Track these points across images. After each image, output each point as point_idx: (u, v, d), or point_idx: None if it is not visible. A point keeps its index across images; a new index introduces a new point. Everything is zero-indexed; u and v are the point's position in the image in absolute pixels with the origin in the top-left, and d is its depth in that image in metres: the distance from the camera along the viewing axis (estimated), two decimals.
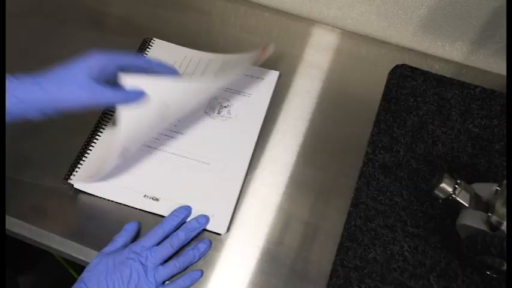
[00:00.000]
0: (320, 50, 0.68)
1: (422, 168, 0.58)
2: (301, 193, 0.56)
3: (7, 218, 0.54)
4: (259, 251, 0.53)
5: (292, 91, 0.64)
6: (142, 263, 0.48)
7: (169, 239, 0.50)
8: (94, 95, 0.45)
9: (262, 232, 0.54)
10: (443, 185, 0.48)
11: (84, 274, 0.47)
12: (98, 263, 0.47)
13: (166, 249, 0.50)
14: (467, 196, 0.48)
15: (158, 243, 0.50)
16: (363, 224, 0.54)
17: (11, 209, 0.54)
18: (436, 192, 0.48)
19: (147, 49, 0.66)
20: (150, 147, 0.58)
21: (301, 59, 0.67)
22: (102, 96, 0.45)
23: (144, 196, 0.55)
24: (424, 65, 0.66)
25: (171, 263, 0.49)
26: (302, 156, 0.59)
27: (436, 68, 0.66)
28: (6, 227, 0.53)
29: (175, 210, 0.53)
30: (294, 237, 0.54)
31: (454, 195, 0.48)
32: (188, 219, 0.53)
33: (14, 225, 0.54)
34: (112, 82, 0.47)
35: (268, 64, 0.65)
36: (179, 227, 0.52)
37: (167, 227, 0.51)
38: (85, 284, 0.46)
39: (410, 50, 0.68)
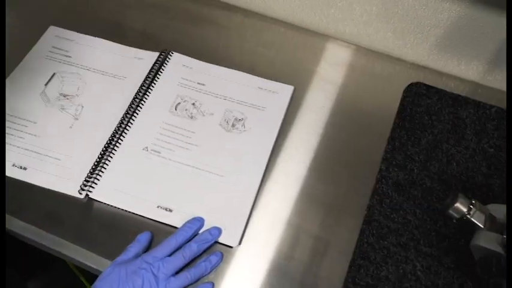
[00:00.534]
0: (335, 65, 0.68)
1: (436, 187, 0.57)
2: (313, 207, 0.56)
3: (20, 223, 0.54)
4: (269, 265, 0.53)
5: (306, 105, 0.65)
6: (154, 274, 0.48)
7: (181, 250, 0.51)
8: None
9: (273, 246, 0.54)
10: (457, 204, 0.47)
11: (97, 283, 0.47)
12: (111, 272, 0.48)
13: (179, 260, 0.50)
14: (482, 217, 0.47)
15: (170, 254, 0.50)
16: (375, 242, 0.53)
17: (25, 215, 0.55)
18: (450, 211, 0.48)
19: (165, 62, 0.67)
20: (165, 158, 0.59)
21: (316, 74, 0.68)
22: None
23: (158, 207, 0.55)
24: (439, 84, 0.66)
25: (183, 274, 0.49)
26: (314, 170, 0.59)
27: (451, 87, 0.66)
28: (19, 232, 0.54)
29: (188, 222, 0.53)
30: (304, 252, 0.53)
31: (468, 216, 0.47)
32: (201, 231, 0.53)
33: (28, 231, 0.54)
34: None
35: (283, 78, 0.66)
36: (192, 239, 0.52)
37: (180, 238, 0.51)
38: None
39: (425, 68, 0.69)
